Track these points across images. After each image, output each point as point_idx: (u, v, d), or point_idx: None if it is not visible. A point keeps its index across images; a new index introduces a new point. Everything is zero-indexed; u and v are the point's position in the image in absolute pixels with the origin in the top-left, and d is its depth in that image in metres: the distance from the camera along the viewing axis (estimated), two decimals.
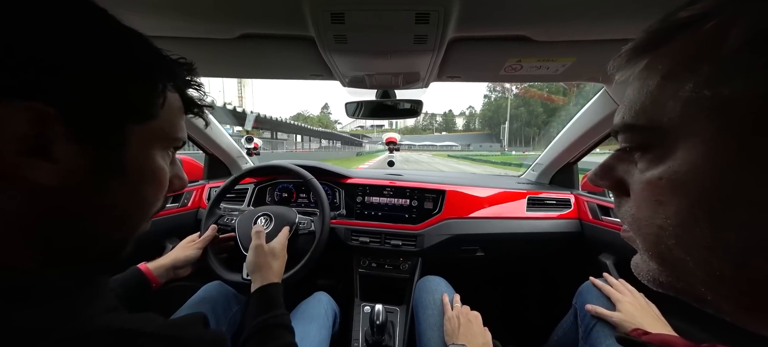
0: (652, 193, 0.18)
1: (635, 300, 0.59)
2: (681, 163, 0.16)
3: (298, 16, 0.46)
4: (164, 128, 0.25)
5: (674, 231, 0.16)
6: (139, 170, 0.24)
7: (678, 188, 0.16)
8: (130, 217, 0.25)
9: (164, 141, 0.26)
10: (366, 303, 0.93)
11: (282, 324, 0.47)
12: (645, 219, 0.18)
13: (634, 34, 0.20)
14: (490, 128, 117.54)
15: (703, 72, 0.15)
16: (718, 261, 0.15)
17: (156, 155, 0.25)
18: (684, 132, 0.16)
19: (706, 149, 0.15)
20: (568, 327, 0.69)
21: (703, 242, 0.15)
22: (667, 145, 0.17)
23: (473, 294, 0.79)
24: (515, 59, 0.60)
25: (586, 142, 0.98)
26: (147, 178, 0.25)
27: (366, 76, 0.70)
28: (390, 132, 1.75)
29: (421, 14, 0.44)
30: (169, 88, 0.25)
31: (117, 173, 0.22)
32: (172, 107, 0.26)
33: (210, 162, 1.22)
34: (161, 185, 0.26)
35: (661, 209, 0.17)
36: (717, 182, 0.15)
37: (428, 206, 1.01)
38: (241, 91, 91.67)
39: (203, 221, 0.81)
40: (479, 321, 0.65)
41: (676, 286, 0.18)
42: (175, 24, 0.50)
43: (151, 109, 0.24)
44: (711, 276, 0.15)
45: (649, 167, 0.18)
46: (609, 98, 0.79)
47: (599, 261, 0.89)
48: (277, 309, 0.48)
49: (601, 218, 0.91)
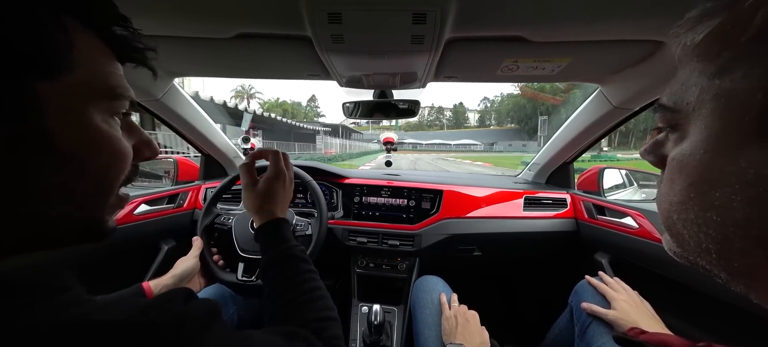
0: (669, 172, 0.19)
1: (630, 297, 0.60)
2: (688, 146, 0.17)
3: (295, 16, 0.46)
4: (88, 81, 0.20)
5: (677, 208, 0.18)
6: (74, 139, 0.20)
7: (683, 168, 0.18)
8: (85, 195, 0.21)
9: (97, 99, 0.21)
10: (363, 303, 0.93)
11: (296, 256, 0.43)
12: (662, 195, 0.20)
13: (628, 35, 0.20)
14: (518, 123, 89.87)
15: (723, 58, 0.15)
16: (704, 236, 0.17)
17: (92, 118, 0.21)
18: (695, 116, 0.17)
19: (706, 134, 0.16)
20: (564, 326, 0.70)
21: (694, 218, 0.17)
22: (685, 128, 0.18)
23: (471, 293, 0.80)
24: (512, 60, 0.61)
25: (582, 142, 0.99)
26: (88, 147, 0.20)
27: (363, 76, 0.70)
28: (388, 130, 1.74)
29: (418, 14, 0.44)
30: (76, 27, 0.20)
31: (45, 147, 0.18)
32: (87, 51, 0.21)
33: (206, 162, 1.21)
34: (110, 152, 0.22)
35: (673, 187, 0.18)
36: (707, 166, 0.16)
37: (426, 206, 1.02)
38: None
39: (200, 221, 0.80)
40: (477, 320, 0.66)
41: (684, 256, 0.20)
42: (171, 23, 0.49)
43: (54, 58, 0.19)
44: (700, 249, 0.17)
45: (673, 148, 0.19)
46: (604, 99, 0.80)
47: (595, 259, 0.90)
48: (289, 243, 0.44)
49: (597, 218, 0.92)
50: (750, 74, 0.14)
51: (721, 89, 0.15)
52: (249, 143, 1.29)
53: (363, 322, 0.86)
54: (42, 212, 0.19)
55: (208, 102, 12.20)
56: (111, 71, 0.22)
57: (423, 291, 0.77)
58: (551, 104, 78.41)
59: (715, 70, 0.16)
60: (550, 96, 77.56)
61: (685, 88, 0.18)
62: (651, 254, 0.74)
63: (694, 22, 0.18)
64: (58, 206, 0.20)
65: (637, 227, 0.79)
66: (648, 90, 0.70)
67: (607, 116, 0.83)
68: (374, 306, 0.74)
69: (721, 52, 0.16)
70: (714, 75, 0.16)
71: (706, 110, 0.16)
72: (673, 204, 0.18)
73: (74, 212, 0.21)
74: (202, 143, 1.10)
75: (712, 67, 0.16)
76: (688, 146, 0.17)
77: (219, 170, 1.23)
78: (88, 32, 0.21)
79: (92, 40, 0.21)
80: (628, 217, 0.82)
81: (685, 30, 0.19)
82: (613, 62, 0.64)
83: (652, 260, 0.75)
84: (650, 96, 0.72)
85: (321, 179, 1.05)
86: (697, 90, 0.17)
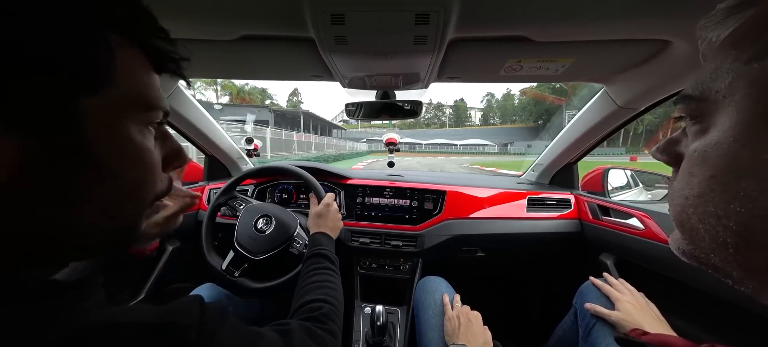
0: (687, 166, 0.19)
1: (635, 299, 0.59)
2: (714, 135, 0.17)
3: (299, 17, 0.46)
4: (130, 95, 0.21)
5: (694, 201, 0.18)
6: (112, 151, 0.20)
7: (706, 160, 0.17)
8: (120, 205, 0.21)
9: (136, 111, 0.21)
10: (366, 303, 0.93)
11: (319, 253, 0.58)
12: (677, 190, 0.19)
13: (633, 35, 0.20)
14: (533, 120, 79.58)
15: (760, 42, 0.15)
16: (723, 229, 0.16)
17: (130, 130, 0.21)
18: (725, 104, 0.16)
19: (735, 122, 0.15)
20: (568, 327, 0.69)
21: (714, 211, 0.16)
22: (710, 118, 0.17)
23: (474, 294, 0.79)
24: (515, 60, 0.60)
25: (586, 142, 0.98)
26: (124, 159, 0.21)
27: (366, 77, 0.70)
28: (380, 127, 1.71)
29: (421, 15, 0.44)
30: (118, 41, 0.20)
31: (82, 157, 0.19)
32: (128, 65, 0.21)
33: (210, 163, 1.22)
34: (145, 164, 0.22)
35: (691, 180, 0.18)
36: (735, 155, 0.15)
37: (428, 207, 1.01)
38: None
39: (212, 202, 0.85)
40: (479, 321, 0.65)
41: (695, 255, 0.19)
42: (177, 26, 0.50)
43: (99, 74, 0.19)
44: (716, 243, 0.17)
45: (693, 141, 0.19)
46: (609, 98, 0.79)
47: (599, 260, 0.89)
48: (321, 246, 0.61)
49: (601, 218, 0.91)
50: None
51: (757, 75, 0.15)
52: (252, 144, 1.30)
53: (366, 323, 0.86)
54: (77, 222, 0.20)
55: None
56: (149, 83, 0.22)
57: (426, 292, 0.76)
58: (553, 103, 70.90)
59: (751, 55, 0.15)
60: (552, 96, 74.58)
61: (715, 76, 0.17)
62: (657, 256, 0.73)
63: (724, 13, 0.17)
64: (93, 216, 0.20)
65: (642, 228, 0.78)
66: (654, 90, 0.69)
67: (612, 116, 0.83)
68: (377, 306, 0.74)
69: (758, 36, 0.15)
70: (750, 59, 0.15)
71: (739, 96, 0.15)
72: (690, 199, 0.18)
73: (108, 222, 0.21)
74: (206, 144, 1.11)
75: (746, 53, 0.15)
76: (714, 136, 0.17)
77: (223, 171, 1.24)
78: (130, 46, 0.21)
79: (133, 53, 0.22)
80: (633, 218, 0.81)
81: (713, 23, 0.18)
82: (617, 62, 0.63)
83: (659, 261, 0.74)
84: (656, 96, 0.71)
85: (324, 180, 1.05)
86: (729, 77, 0.16)
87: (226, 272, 0.75)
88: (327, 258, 0.57)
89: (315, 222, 0.69)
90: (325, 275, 0.52)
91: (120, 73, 0.20)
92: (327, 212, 0.71)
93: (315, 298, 0.46)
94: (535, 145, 56.77)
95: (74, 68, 0.18)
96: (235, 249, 0.76)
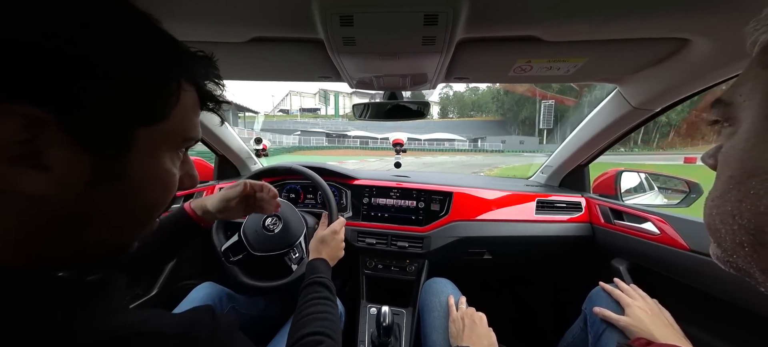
0: (718, 169, 0.20)
1: (646, 305, 0.57)
2: (735, 138, 0.18)
3: (308, 19, 0.47)
4: (176, 129, 0.23)
5: (717, 202, 0.18)
6: (144, 175, 0.21)
7: (727, 161, 0.18)
8: (131, 225, 0.23)
9: (175, 142, 0.23)
10: (372, 304, 0.93)
11: (318, 282, 0.57)
12: (708, 195, 0.20)
13: (650, 33, 0.20)
14: (502, 114, 74.85)
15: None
16: (739, 227, 0.16)
17: (164, 157, 0.23)
18: (746, 107, 0.17)
19: (750, 123, 0.16)
20: (577, 333, 0.68)
21: (730, 210, 0.17)
22: (737, 122, 0.18)
23: (481, 297, 0.78)
24: (525, 60, 0.59)
25: (598, 144, 0.96)
26: (152, 183, 0.22)
27: (374, 77, 0.70)
28: (324, 117, 1.64)
29: (429, 16, 0.44)
30: (184, 85, 0.22)
31: (118, 179, 0.20)
32: (185, 104, 0.23)
33: (220, 163, 1.24)
34: (167, 188, 0.24)
35: (717, 182, 0.19)
36: (748, 154, 0.16)
37: (435, 208, 1.01)
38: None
39: (218, 239, 0.84)
40: (484, 322, 0.64)
41: (728, 260, 0.19)
42: (191, 29, 0.51)
43: (162, 110, 0.21)
44: (735, 243, 0.17)
45: (725, 144, 0.20)
46: (622, 99, 0.77)
47: (611, 266, 0.86)
48: (319, 273, 0.59)
49: (614, 222, 0.89)
50: None
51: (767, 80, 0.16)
52: (261, 144, 1.32)
53: (371, 323, 0.86)
54: (87, 238, 0.21)
55: None
56: (194, 119, 0.25)
57: (431, 294, 0.76)
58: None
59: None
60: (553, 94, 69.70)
61: (742, 81, 0.18)
62: (674, 262, 0.71)
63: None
64: (105, 234, 0.21)
65: (658, 233, 0.75)
66: (671, 90, 0.67)
67: (626, 118, 0.80)
68: (383, 307, 0.74)
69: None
70: (766, 66, 0.16)
71: (755, 100, 0.17)
72: (714, 200, 0.19)
73: (113, 240, 0.22)
74: (217, 144, 1.13)
75: (766, 60, 0.17)
76: (736, 138, 0.18)
77: (233, 170, 1.26)
78: (190, 88, 0.23)
79: (191, 94, 0.24)
80: (648, 222, 0.79)
81: (763, 25, 0.18)
82: (633, 62, 0.61)
83: (675, 268, 0.71)
84: (673, 96, 0.69)
85: (330, 180, 1.06)
86: (751, 83, 0.17)
87: (224, 254, 0.77)
88: (326, 287, 0.56)
89: (317, 247, 0.67)
90: (324, 306, 0.51)
91: (176, 110, 0.22)
92: (332, 240, 0.69)
93: (315, 331, 0.45)
94: (509, 140, 52.43)
95: (145, 105, 0.20)
96: (239, 236, 0.78)
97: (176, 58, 0.22)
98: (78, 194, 0.18)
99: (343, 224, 0.74)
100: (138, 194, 0.21)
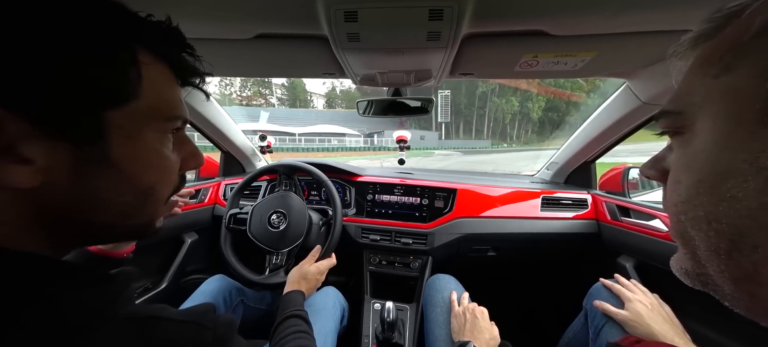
0: (674, 174, 0.20)
1: (646, 299, 0.57)
2: (698, 142, 0.18)
3: (312, 15, 0.46)
4: (152, 108, 0.22)
5: (683, 207, 0.18)
6: (131, 159, 0.21)
7: (690, 166, 0.18)
8: (135, 207, 0.23)
9: (157, 122, 0.22)
10: (376, 300, 0.93)
11: (298, 315, 0.57)
12: (669, 199, 0.20)
13: (660, 26, 0.21)
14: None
15: (726, 58, 0.17)
16: (715, 233, 0.16)
17: (149, 139, 0.22)
18: (702, 114, 0.18)
19: (713, 128, 0.17)
20: (578, 329, 0.68)
21: (704, 215, 0.17)
22: (692, 129, 0.18)
23: (484, 293, 0.79)
24: (531, 55, 0.58)
25: (606, 140, 0.94)
26: (142, 167, 0.22)
27: (378, 73, 0.70)
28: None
29: (434, 10, 0.43)
30: (143, 56, 0.21)
31: (103, 165, 0.20)
32: (154, 80, 0.22)
33: (225, 160, 1.26)
34: (163, 170, 0.24)
35: (678, 187, 0.19)
36: (717, 157, 0.16)
37: (439, 205, 1.01)
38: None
39: (228, 205, 0.89)
40: (486, 316, 0.65)
41: (697, 272, 0.19)
42: (197, 26, 0.51)
43: (125, 87, 0.20)
44: (710, 251, 0.17)
45: (678, 151, 0.20)
46: (631, 94, 0.75)
47: (617, 263, 0.86)
48: (297, 307, 0.59)
49: (621, 220, 0.88)
50: (755, 67, 0.15)
51: (728, 86, 0.16)
52: (265, 141, 1.33)
53: (375, 319, 0.87)
54: (93, 221, 0.22)
55: None
56: (171, 96, 0.23)
57: (435, 290, 0.76)
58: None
59: (718, 71, 0.17)
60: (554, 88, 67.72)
61: (690, 91, 0.19)
62: None
63: (690, 43, 0.20)
64: (109, 217, 0.22)
65: (666, 230, 0.74)
66: None
67: (635, 113, 0.79)
68: (387, 303, 0.74)
69: (723, 55, 0.17)
70: (718, 74, 0.17)
71: (714, 106, 0.17)
72: (679, 205, 0.19)
73: (121, 222, 0.23)
74: (222, 140, 1.14)
75: (714, 69, 0.17)
76: (697, 143, 0.18)
77: (237, 167, 1.27)
78: (157, 62, 0.22)
79: (160, 68, 0.22)
80: (656, 220, 0.78)
81: (682, 51, 0.21)
82: (643, 56, 0.60)
83: None
84: None
85: (334, 177, 1.06)
86: (703, 91, 0.18)
87: (228, 218, 0.85)
88: (304, 320, 0.56)
89: (298, 280, 0.67)
90: (304, 340, 0.51)
91: (146, 88, 0.21)
92: (313, 279, 0.70)
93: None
94: (428, 136, 44.60)
95: (106, 85, 0.19)
96: (249, 214, 0.83)
97: (119, 26, 0.20)
98: (69, 183, 0.19)
99: (330, 265, 0.75)
100: (130, 178, 0.21)
